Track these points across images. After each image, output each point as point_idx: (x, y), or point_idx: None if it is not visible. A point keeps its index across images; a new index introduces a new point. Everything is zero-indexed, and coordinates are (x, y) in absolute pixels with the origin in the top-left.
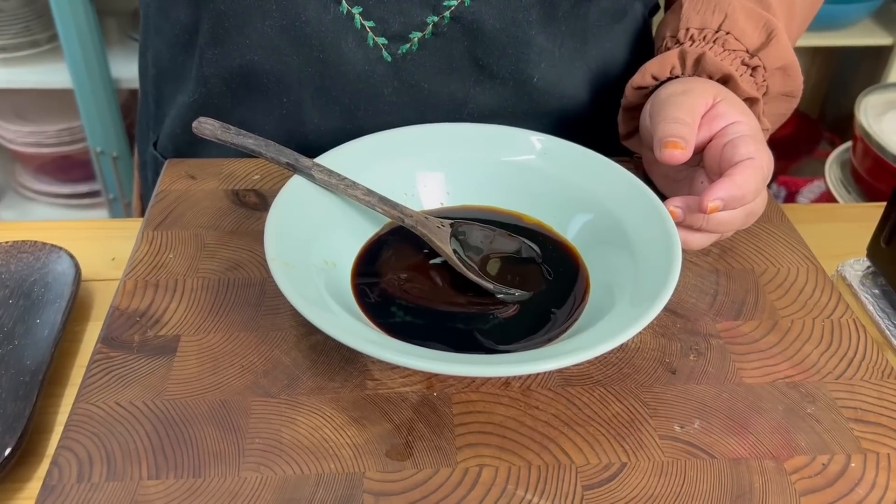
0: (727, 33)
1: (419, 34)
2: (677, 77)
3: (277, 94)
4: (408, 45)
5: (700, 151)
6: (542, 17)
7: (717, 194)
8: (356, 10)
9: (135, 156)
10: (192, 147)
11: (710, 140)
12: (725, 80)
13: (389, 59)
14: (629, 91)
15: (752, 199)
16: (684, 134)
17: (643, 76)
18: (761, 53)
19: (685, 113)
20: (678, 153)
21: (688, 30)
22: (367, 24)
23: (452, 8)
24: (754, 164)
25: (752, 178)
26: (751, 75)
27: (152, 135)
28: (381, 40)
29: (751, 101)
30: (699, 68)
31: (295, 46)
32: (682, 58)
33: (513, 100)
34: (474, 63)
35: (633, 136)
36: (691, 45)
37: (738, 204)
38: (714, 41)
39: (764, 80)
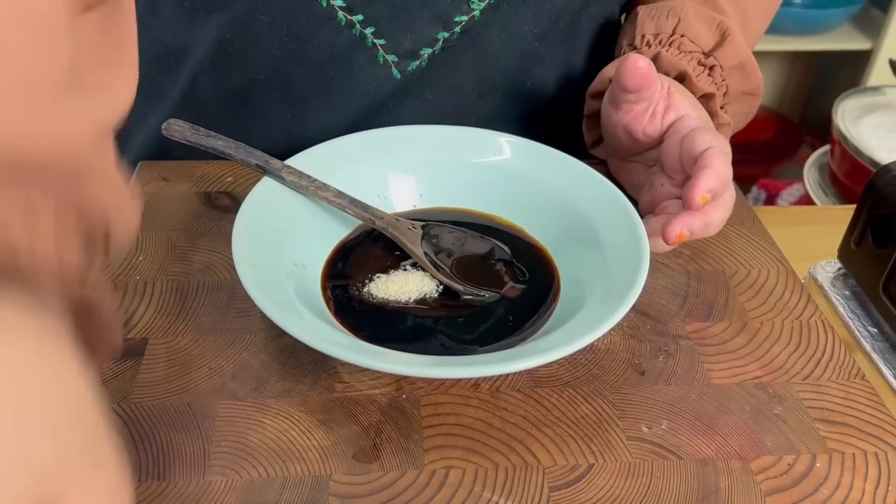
0: (682, 36)
1: (429, 50)
2: None
3: (280, 110)
4: (417, 62)
5: (655, 146)
6: (545, 28)
7: (705, 185)
8: (368, 31)
9: None
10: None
11: (664, 137)
12: (682, 79)
13: (399, 76)
14: (588, 99)
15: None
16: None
17: (601, 81)
18: (717, 53)
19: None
20: (643, 64)
21: (643, 36)
22: (379, 42)
23: (463, 23)
24: (718, 150)
25: (724, 163)
26: (708, 74)
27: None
28: (392, 58)
29: (707, 98)
30: (655, 67)
31: (304, 67)
32: None
33: (507, 107)
34: (479, 74)
35: (599, 144)
36: (647, 49)
37: (724, 190)
38: (669, 44)
39: (723, 80)
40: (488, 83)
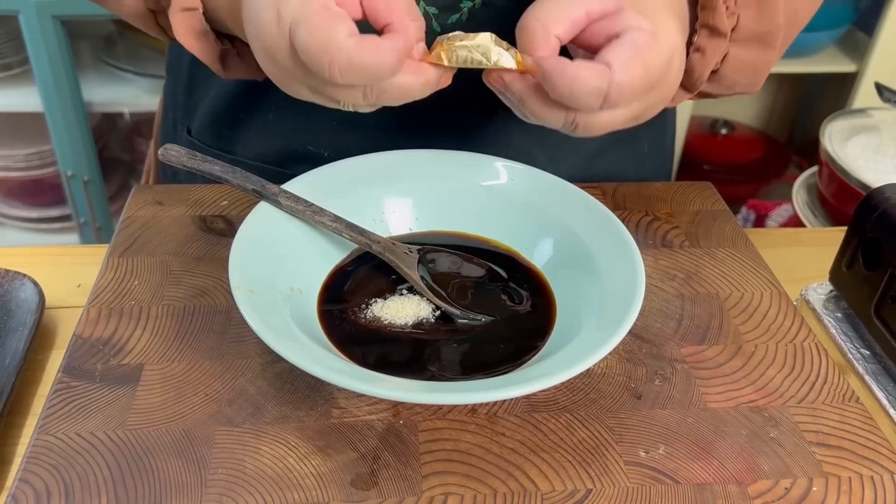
0: None
1: (470, 3)
2: None
3: None
4: (458, 15)
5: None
6: None
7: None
8: None
9: (146, 165)
10: (233, 127)
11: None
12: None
13: (438, 28)
14: None
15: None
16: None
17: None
18: None
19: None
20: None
21: None
22: None
23: None
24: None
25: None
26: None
27: (181, 127)
28: (433, 9)
29: (711, 32)
30: None
31: None
32: None
33: None
34: None
35: None
36: None
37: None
38: None
39: (736, 7)
40: None
